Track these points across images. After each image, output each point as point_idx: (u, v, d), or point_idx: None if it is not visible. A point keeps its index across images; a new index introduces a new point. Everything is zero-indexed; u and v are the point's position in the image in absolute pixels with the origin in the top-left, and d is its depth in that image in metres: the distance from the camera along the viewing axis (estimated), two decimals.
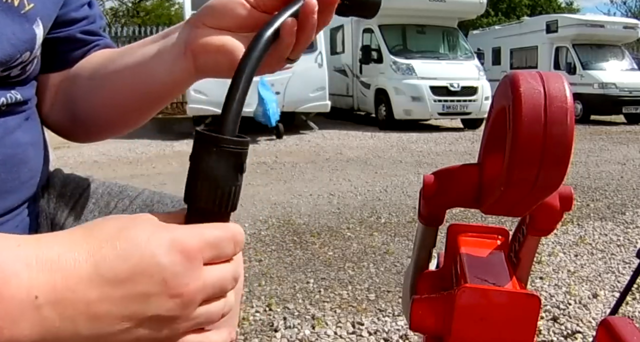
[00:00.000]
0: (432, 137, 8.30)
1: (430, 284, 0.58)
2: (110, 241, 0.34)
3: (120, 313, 0.33)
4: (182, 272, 0.34)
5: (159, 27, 13.14)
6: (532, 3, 28.79)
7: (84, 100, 0.65)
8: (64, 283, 0.32)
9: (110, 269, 0.33)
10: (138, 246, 0.34)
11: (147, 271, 0.33)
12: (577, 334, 1.94)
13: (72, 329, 0.32)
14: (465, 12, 10.74)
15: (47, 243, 0.34)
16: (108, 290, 0.33)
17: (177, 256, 0.34)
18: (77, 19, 0.67)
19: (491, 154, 0.47)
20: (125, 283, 0.33)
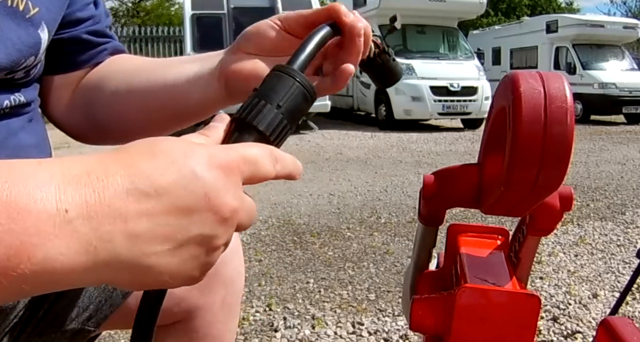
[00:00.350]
0: (432, 137, 8.30)
1: (430, 284, 0.58)
2: (146, 155, 0.31)
3: (162, 231, 0.30)
4: (222, 188, 0.32)
5: (159, 27, 13.15)
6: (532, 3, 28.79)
7: (109, 109, 0.66)
8: (97, 197, 0.29)
9: (149, 182, 0.30)
10: (176, 161, 0.31)
11: (188, 186, 0.31)
12: (577, 334, 1.94)
13: (110, 249, 0.29)
14: (465, 12, 10.74)
15: (72, 160, 0.30)
16: (147, 204, 0.30)
17: (217, 171, 0.32)
18: (83, 19, 0.67)
19: (491, 154, 0.47)
20: (165, 197, 0.30)
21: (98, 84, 0.67)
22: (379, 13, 10.01)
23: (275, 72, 0.42)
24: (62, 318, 0.67)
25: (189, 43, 8.16)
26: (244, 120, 0.39)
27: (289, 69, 0.42)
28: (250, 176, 0.35)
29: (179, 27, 12.48)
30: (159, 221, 0.30)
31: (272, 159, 0.37)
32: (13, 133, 0.57)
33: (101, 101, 0.66)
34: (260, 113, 0.39)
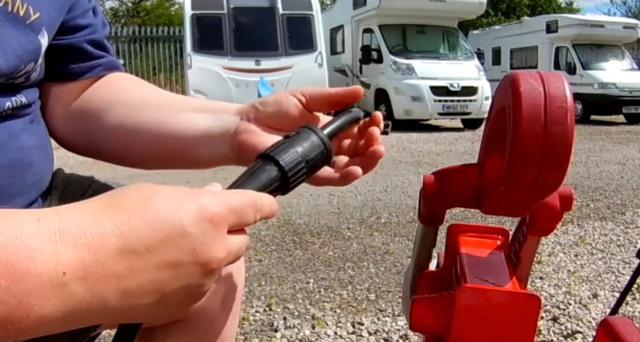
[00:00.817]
0: (432, 137, 8.30)
1: (430, 284, 0.58)
2: (137, 212, 0.33)
3: (151, 285, 0.33)
4: (210, 242, 0.34)
5: (158, 27, 13.15)
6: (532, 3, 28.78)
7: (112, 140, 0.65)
8: (92, 257, 0.31)
9: (140, 241, 0.32)
10: (167, 217, 0.33)
11: (177, 242, 0.33)
12: (577, 334, 1.94)
13: (102, 304, 0.31)
14: (465, 12, 10.74)
15: (68, 216, 0.32)
16: (138, 262, 0.32)
17: (205, 224, 0.34)
18: (81, 26, 0.66)
19: (491, 154, 0.47)
20: (155, 254, 0.32)
21: (100, 110, 0.66)
22: (379, 13, 10.01)
23: (307, 129, 0.48)
24: None
25: (189, 43, 8.15)
26: (269, 155, 0.45)
27: (318, 131, 0.48)
28: (234, 225, 0.37)
29: (179, 27, 12.47)
30: (149, 277, 0.33)
31: (255, 209, 0.39)
32: (15, 135, 0.57)
33: (104, 129, 0.65)
34: (286, 153, 0.45)
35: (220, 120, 0.59)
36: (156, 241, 0.32)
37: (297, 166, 0.45)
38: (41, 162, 0.62)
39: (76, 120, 0.68)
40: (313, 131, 0.48)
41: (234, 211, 0.37)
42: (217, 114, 0.60)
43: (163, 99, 0.66)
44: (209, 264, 0.34)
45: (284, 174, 0.44)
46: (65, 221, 0.32)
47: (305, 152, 0.46)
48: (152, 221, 0.33)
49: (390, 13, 9.96)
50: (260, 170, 0.44)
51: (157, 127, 0.62)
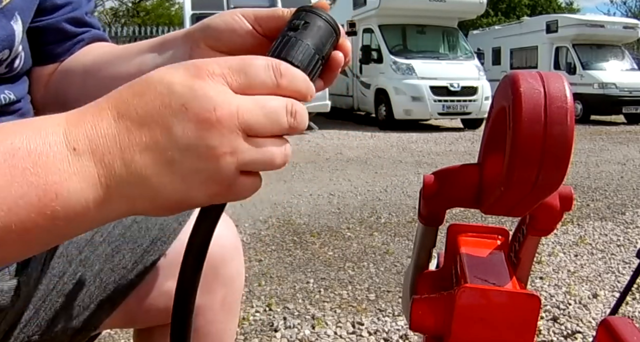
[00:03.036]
0: (432, 137, 8.30)
1: (430, 284, 0.58)
2: (127, 85, 0.34)
3: (151, 152, 0.32)
4: (203, 95, 0.32)
5: (159, 27, 13.15)
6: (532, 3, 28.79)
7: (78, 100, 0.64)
8: (95, 131, 0.32)
9: (130, 108, 0.33)
10: (152, 82, 0.33)
11: (165, 101, 0.32)
12: (577, 334, 1.94)
13: (116, 178, 0.32)
14: (465, 12, 10.75)
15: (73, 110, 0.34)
16: (134, 129, 0.32)
17: (194, 80, 0.32)
18: (59, 5, 0.64)
19: (491, 154, 0.47)
20: (146, 118, 0.32)
21: (67, 77, 0.64)
22: (379, 13, 10.01)
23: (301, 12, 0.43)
24: (63, 317, 0.67)
25: None
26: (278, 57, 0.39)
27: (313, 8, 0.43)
28: (241, 85, 0.34)
29: (179, 27, 12.47)
30: (148, 143, 0.32)
31: (273, 70, 0.35)
32: None
33: (72, 95, 0.64)
34: (293, 48, 0.40)
35: (170, 55, 0.55)
36: (144, 104, 0.32)
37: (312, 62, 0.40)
38: None
39: (51, 91, 0.66)
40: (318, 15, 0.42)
41: (234, 70, 0.33)
42: (167, 48, 0.56)
43: (117, 51, 0.62)
44: (205, 119, 0.32)
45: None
46: (71, 111, 0.34)
47: (317, 43, 0.41)
48: (140, 87, 0.33)
49: (390, 13, 9.96)
50: None
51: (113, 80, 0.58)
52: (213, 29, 0.51)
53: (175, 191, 0.33)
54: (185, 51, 0.53)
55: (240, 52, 0.49)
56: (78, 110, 0.34)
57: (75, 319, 0.67)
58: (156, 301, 0.69)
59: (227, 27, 0.50)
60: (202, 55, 0.51)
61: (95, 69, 0.62)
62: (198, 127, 0.32)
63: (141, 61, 0.58)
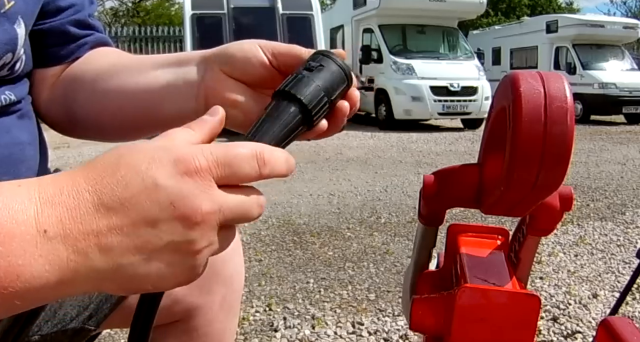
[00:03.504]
0: (432, 137, 8.30)
1: (430, 284, 0.58)
2: (110, 170, 0.32)
3: (132, 243, 0.32)
4: (188, 194, 0.32)
5: (158, 27, 13.16)
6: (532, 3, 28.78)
7: (85, 105, 0.64)
8: (70, 215, 0.31)
9: (114, 197, 0.32)
10: (139, 172, 0.32)
11: (152, 196, 0.32)
12: (577, 334, 1.94)
13: (88, 263, 0.31)
14: (465, 12, 10.74)
15: (48, 181, 0.33)
16: (115, 219, 0.31)
17: (182, 177, 0.32)
18: (63, 8, 0.64)
19: (491, 154, 0.47)
20: (131, 209, 0.32)
21: (76, 81, 0.64)
22: (379, 13, 10.01)
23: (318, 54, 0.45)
24: (62, 317, 0.67)
25: (189, 43, 8.15)
26: (288, 92, 0.41)
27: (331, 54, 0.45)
28: (226, 178, 0.34)
29: (179, 27, 12.47)
30: (128, 233, 0.32)
31: (257, 160, 0.36)
32: (6, 131, 0.56)
33: (80, 99, 0.64)
34: (304, 87, 0.42)
35: (184, 73, 0.56)
36: (129, 195, 0.32)
37: (319, 103, 0.42)
38: (34, 158, 0.61)
39: (58, 96, 0.66)
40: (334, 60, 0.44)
41: (220, 163, 0.34)
42: (183, 66, 0.56)
43: (130, 62, 0.63)
44: (191, 217, 0.32)
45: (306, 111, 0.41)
46: (44, 185, 0.32)
47: (327, 87, 0.43)
48: (124, 176, 0.32)
49: (390, 13, 9.96)
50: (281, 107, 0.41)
51: (124, 90, 0.60)
52: (229, 56, 0.53)
53: (146, 280, 0.33)
54: (199, 72, 0.54)
55: (251, 81, 0.52)
56: (53, 182, 0.32)
57: (75, 320, 0.67)
58: None
59: (243, 56, 0.52)
60: (215, 78, 0.53)
61: (106, 76, 0.62)
62: (183, 225, 0.32)
63: (154, 76, 0.58)
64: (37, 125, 0.65)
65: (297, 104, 0.41)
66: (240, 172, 0.35)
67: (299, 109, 0.41)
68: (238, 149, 0.35)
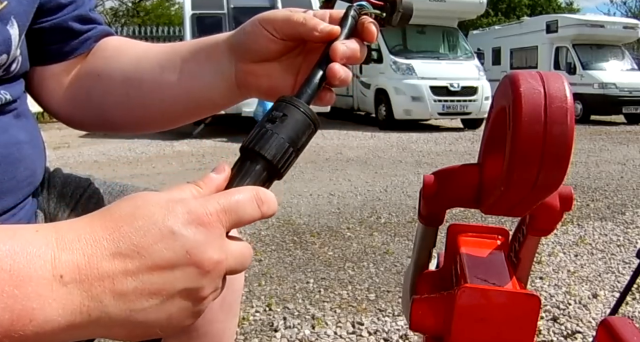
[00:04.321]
0: (432, 137, 8.30)
1: (430, 284, 0.58)
2: (128, 219, 0.34)
3: (147, 288, 0.33)
4: (205, 244, 0.34)
5: (159, 27, 13.15)
6: (532, 3, 28.78)
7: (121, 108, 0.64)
8: (87, 261, 0.32)
9: (131, 245, 0.33)
10: (155, 223, 0.34)
11: (169, 244, 0.33)
12: (577, 334, 1.94)
13: (101, 308, 0.32)
14: (465, 12, 10.74)
15: (65, 227, 0.34)
16: (131, 265, 0.32)
17: (195, 227, 0.34)
18: (64, 4, 0.64)
19: (491, 154, 0.47)
20: (147, 257, 0.33)
21: (101, 80, 0.64)
22: None
23: (281, 103, 0.44)
24: None
25: None
26: (252, 149, 0.42)
27: (294, 100, 0.44)
28: (234, 224, 0.37)
29: (179, 27, 12.48)
30: (144, 279, 0.33)
31: (257, 202, 0.38)
32: (2, 131, 0.56)
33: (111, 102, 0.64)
34: (267, 142, 0.42)
35: (218, 69, 0.58)
36: (147, 244, 0.33)
37: (285, 154, 0.42)
38: (32, 157, 0.61)
39: (79, 96, 0.66)
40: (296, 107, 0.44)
41: (227, 211, 0.36)
42: (213, 60, 0.59)
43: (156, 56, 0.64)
44: (205, 266, 0.34)
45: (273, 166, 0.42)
46: (62, 231, 0.33)
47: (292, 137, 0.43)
48: (141, 226, 0.34)
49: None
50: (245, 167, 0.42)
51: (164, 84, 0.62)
52: (243, 45, 0.55)
53: (156, 325, 0.35)
54: (230, 68, 0.57)
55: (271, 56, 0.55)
56: (70, 229, 0.34)
57: None
58: None
59: (252, 42, 0.54)
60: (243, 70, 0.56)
61: (136, 78, 0.63)
62: (197, 272, 0.34)
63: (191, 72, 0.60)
64: (35, 125, 0.64)
65: (262, 160, 0.42)
66: (245, 216, 0.38)
67: (264, 166, 0.42)
68: (238, 195, 0.38)
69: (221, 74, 0.58)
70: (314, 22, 0.51)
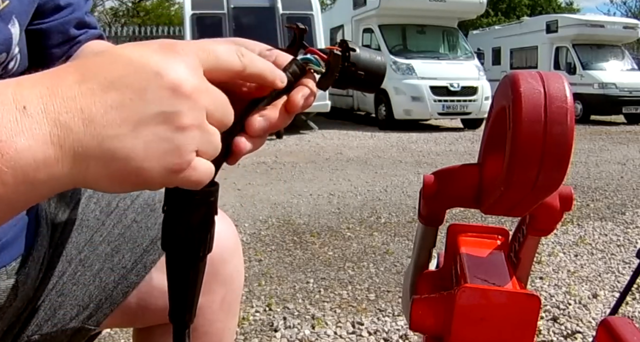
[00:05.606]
0: (432, 137, 8.30)
1: (430, 284, 0.58)
2: (95, 55, 0.33)
3: (117, 114, 0.31)
4: (176, 64, 0.32)
5: (158, 27, 13.15)
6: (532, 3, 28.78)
7: None
8: (51, 92, 0.30)
9: (98, 73, 0.31)
10: (122, 53, 0.33)
11: (139, 69, 0.32)
12: (577, 334, 1.94)
13: (72, 137, 0.30)
14: (465, 12, 10.75)
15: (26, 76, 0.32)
16: (99, 93, 0.31)
17: (168, 51, 0.33)
18: (62, 7, 0.64)
19: (491, 154, 0.47)
20: (115, 83, 0.31)
21: None
22: (379, 13, 10.01)
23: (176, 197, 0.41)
24: (62, 316, 0.67)
25: None
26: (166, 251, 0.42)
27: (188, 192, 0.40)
28: (211, 65, 0.35)
29: (179, 27, 12.47)
30: (114, 104, 0.31)
31: (237, 52, 0.36)
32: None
33: None
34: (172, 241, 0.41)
35: None
36: (115, 70, 0.31)
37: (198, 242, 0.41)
38: None
39: None
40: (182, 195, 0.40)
41: (204, 50, 0.35)
42: None
43: None
44: (181, 87, 0.32)
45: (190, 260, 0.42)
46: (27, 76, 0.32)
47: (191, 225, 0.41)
48: (109, 57, 0.32)
49: (390, 13, 9.96)
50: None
51: None
52: None
53: (133, 157, 0.32)
54: None
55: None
56: (32, 75, 0.32)
57: (74, 319, 0.67)
58: (156, 300, 0.69)
59: None
60: None
61: None
62: (172, 94, 0.32)
63: None
64: None
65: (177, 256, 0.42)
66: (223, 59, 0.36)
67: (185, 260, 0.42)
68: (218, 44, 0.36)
69: None
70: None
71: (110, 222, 0.71)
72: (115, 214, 0.72)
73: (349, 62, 0.44)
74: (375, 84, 0.46)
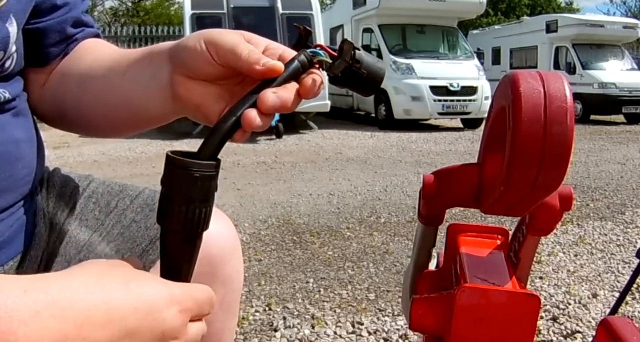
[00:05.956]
0: (432, 137, 8.30)
1: (430, 284, 0.58)
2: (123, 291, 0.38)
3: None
4: (176, 328, 0.40)
5: (158, 27, 13.15)
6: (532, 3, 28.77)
7: (75, 106, 0.64)
8: (77, 332, 0.33)
9: (122, 320, 0.36)
10: (146, 300, 0.38)
11: (152, 324, 0.38)
12: (577, 334, 1.94)
13: None
14: (465, 12, 10.74)
15: (57, 288, 0.34)
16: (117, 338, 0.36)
17: (175, 312, 0.40)
18: (59, 6, 0.64)
19: (491, 154, 0.47)
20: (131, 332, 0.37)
21: (63, 78, 0.64)
22: (379, 13, 10.01)
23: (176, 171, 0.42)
24: None
25: None
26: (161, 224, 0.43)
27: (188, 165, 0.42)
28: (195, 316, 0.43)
29: (179, 27, 12.47)
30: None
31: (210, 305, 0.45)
32: (1, 129, 0.56)
33: (68, 98, 0.64)
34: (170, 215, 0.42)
35: (157, 77, 0.55)
36: (134, 321, 0.37)
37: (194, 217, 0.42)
38: (31, 156, 0.61)
39: (49, 91, 0.66)
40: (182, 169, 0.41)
41: (197, 304, 0.42)
42: (155, 67, 0.55)
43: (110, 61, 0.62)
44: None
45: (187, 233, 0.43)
46: (54, 292, 0.33)
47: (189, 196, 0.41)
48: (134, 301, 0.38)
49: (390, 13, 9.96)
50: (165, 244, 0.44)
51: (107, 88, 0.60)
52: (180, 57, 0.52)
53: None
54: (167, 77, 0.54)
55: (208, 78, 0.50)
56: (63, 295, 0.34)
57: None
58: None
59: (188, 56, 0.50)
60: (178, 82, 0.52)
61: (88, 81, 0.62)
62: None
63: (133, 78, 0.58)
64: (34, 124, 0.64)
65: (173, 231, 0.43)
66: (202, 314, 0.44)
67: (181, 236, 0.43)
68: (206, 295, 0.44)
69: (158, 80, 0.55)
70: (255, 59, 0.46)
71: (109, 222, 0.71)
72: (115, 214, 0.72)
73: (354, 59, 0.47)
74: (374, 86, 0.49)
